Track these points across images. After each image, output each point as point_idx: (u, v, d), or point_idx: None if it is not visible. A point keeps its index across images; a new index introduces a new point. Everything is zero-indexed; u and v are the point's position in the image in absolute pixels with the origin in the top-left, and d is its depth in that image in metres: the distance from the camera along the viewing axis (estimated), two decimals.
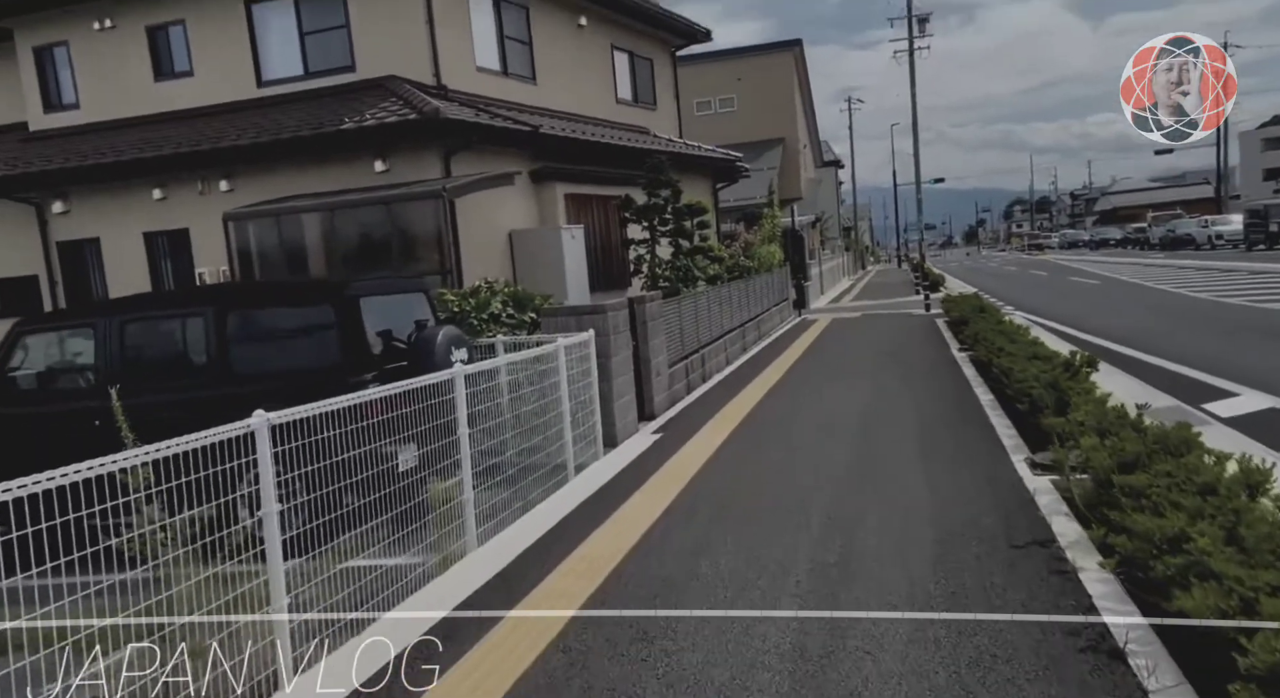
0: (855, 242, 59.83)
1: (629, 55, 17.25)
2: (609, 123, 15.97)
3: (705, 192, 18.70)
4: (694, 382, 11.71)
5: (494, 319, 8.84)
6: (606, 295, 12.88)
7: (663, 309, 10.75)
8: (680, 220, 12.47)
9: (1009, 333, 10.05)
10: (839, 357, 13.35)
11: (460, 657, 3.78)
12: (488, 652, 3.83)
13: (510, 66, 13.62)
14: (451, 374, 5.49)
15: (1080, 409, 5.44)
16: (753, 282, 17.02)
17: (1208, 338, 12.55)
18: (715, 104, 35.82)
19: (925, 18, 37.50)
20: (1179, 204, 75.36)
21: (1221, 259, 31.25)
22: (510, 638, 3.97)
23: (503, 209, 12.04)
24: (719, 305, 13.90)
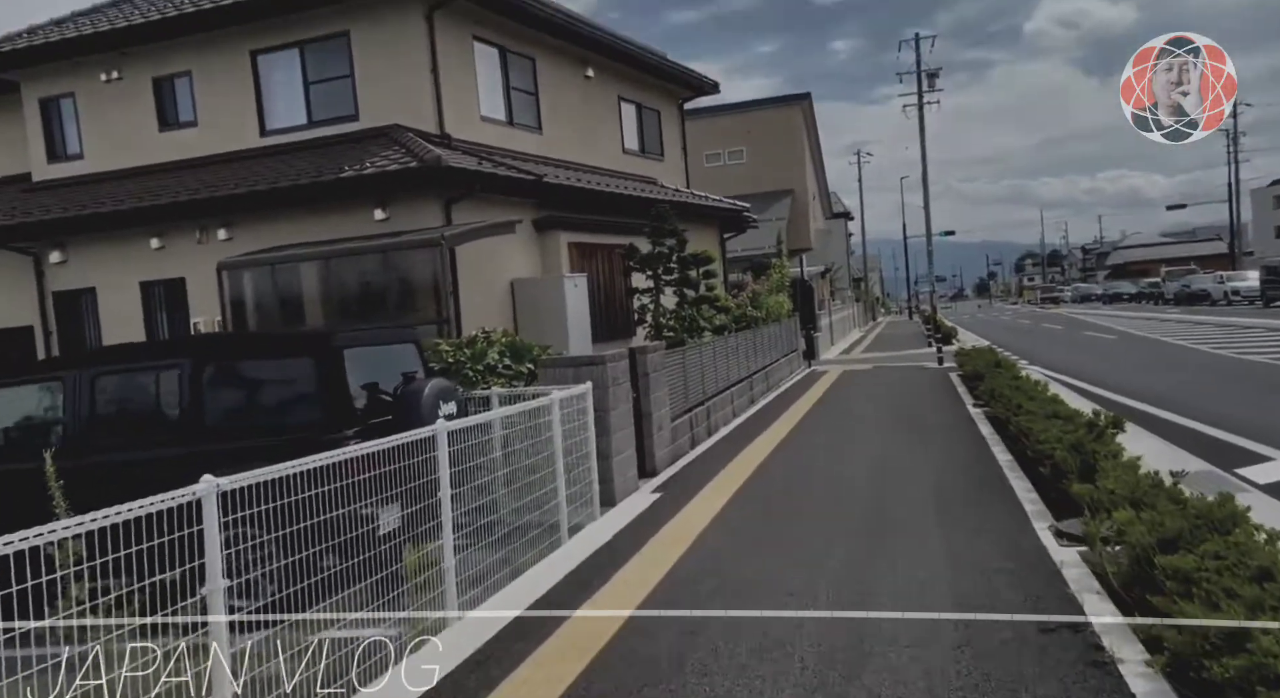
0: (865, 293, 59.66)
1: (636, 106, 17.24)
2: (615, 173, 15.87)
3: (712, 241, 18.52)
4: (699, 435, 11.31)
5: (490, 370, 8.52)
6: (610, 345, 12.59)
7: (666, 360, 10.42)
8: (685, 270, 12.22)
9: (1027, 389, 9.65)
10: (849, 411, 12.94)
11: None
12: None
13: (515, 116, 13.55)
14: (433, 431, 5.15)
15: (1110, 476, 5.03)
16: (760, 332, 16.71)
17: (1233, 397, 12.09)
18: (724, 156, 36.01)
19: (935, 73, 37.81)
20: (1191, 260, 75.09)
21: (1239, 315, 30.78)
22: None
23: (505, 258, 11.82)
24: (725, 356, 13.56)
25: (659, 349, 10.00)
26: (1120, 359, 18.84)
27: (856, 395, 14.91)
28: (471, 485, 5.79)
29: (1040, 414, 7.61)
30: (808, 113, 36.30)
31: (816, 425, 11.76)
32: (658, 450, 9.53)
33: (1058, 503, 6.28)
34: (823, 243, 40.72)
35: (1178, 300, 47.07)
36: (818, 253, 38.26)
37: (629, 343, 13.16)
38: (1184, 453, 7.92)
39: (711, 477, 8.85)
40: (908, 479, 7.94)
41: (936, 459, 8.70)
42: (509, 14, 12.84)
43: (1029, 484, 7.14)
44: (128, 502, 3.20)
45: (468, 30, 12.39)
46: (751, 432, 11.70)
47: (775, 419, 12.62)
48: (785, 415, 12.93)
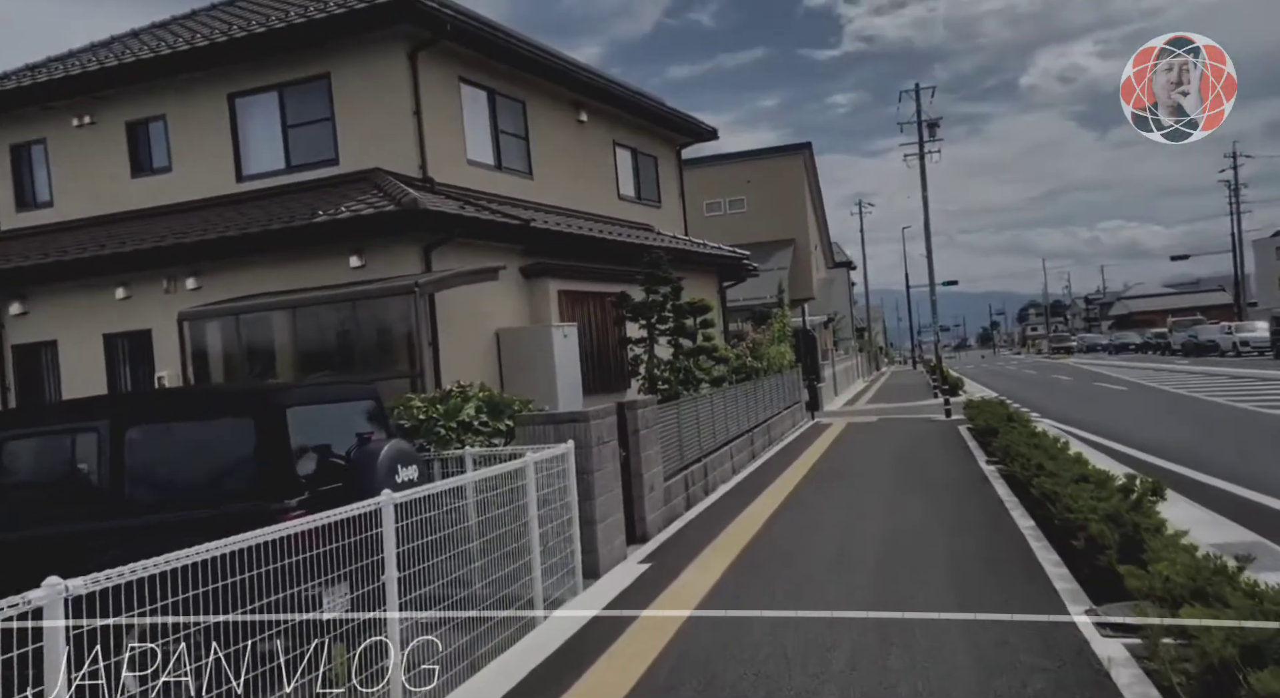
0: (869, 343, 59.11)
1: (632, 152, 16.85)
2: (610, 219, 15.38)
3: (711, 290, 17.96)
4: (695, 495, 10.57)
5: (466, 427, 7.84)
6: (603, 398, 11.92)
7: (659, 415, 9.74)
8: (681, 318, 11.61)
9: (1046, 447, 8.94)
10: (855, 468, 12.19)
11: None
12: None
13: (504, 160, 13.10)
14: (376, 504, 4.46)
15: (1161, 556, 4.31)
16: (761, 383, 16.04)
17: (1267, 455, 11.34)
18: (725, 205, 35.78)
19: (935, 122, 37.73)
20: (1195, 310, 74.67)
21: (1252, 366, 30.10)
22: None
23: (490, 307, 11.23)
24: (724, 409, 12.88)
25: (650, 404, 9.33)
26: (1137, 413, 18.09)
27: (862, 451, 14.17)
28: (431, 563, 5.09)
29: (1066, 477, 6.90)
30: (808, 162, 36.17)
31: (820, 485, 11.01)
32: (649, 513, 8.80)
33: (1093, 581, 5.54)
34: (825, 292, 40.27)
35: (1186, 351, 46.39)
36: (820, 302, 37.78)
37: (623, 396, 12.48)
38: (1226, 521, 7.18)
39: (706, 544, 8.11)
40: (922, 551, 7.18)
41: (952, 526, 7.94)
42: (497, 56, 12.47)
43: (1057, 557, 6.39)
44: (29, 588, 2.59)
45: (453, 72, 11.99)
46: (751, 491, 10.95)
47: (776, 477, 11.87)
48: (787, 473, 12.18)
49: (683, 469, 10.44)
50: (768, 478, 11.90)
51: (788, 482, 11.41)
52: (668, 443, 10.00)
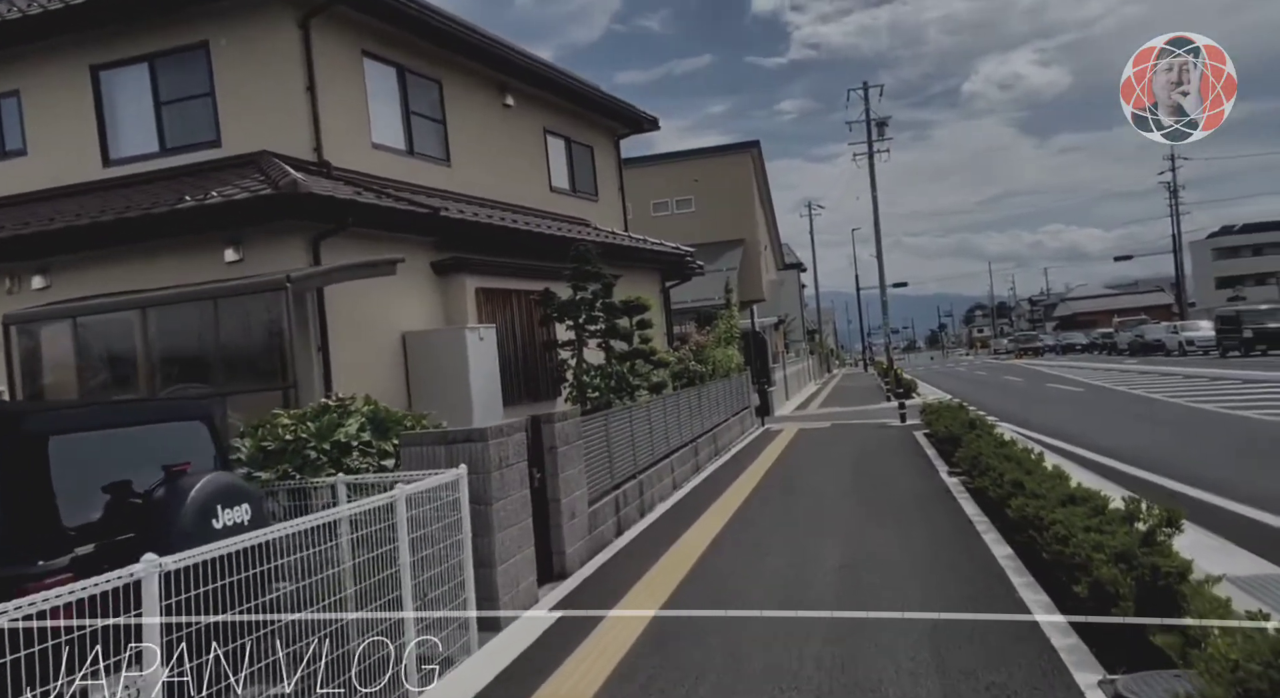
0: (820, 345, 58.66)
1: (565, 141, 15.61)
2: (542, 213, 14.12)
3: (653, 290, 16.80)
4: (629, 518, 9.36)
5: (343, 449, 6.52)
6: (529, 409, 10.68)
7: (585, 428, 8.52)
8: (613, 318, 10.40)
9: (1018, 459, 7.92)
10: (807, 482, 11.09)
11: None
12: None
13: (417, 145, 11.76)
14: (133, 574, 3.15)
15: (1208, 620, 3.22)
16: (707, 389, 14.91)
17: (1246, 463, 10.51)
18: (672, 204, 34.71)
19: (884, 121, 37.30)
20: (1139, 310, 75.93)
21: (1201, 365, 29.94)
22: None
23: (396, 307, 9.90)
24: (663, 419, 11.70)
25: (572, 416, 8.09)
26: (1100, 416, 17.35)
27: (815, 462, 13.10)
28: (257, 636, 3.82)
29: (1052, 498, 5.83)
30: (757, 161, 35.30)
31: (768, 503, 9.88)
32: (569, 544, 7.56)
33: (1100, 636, 4.45)
34: (775, 294, 39.46)
35: (1132, 351, 46.64)
36: (770, 304, 36.95)
37: (554, 406, 11.24)
38: (1236, 548, 6.19)
39: (636, 580, 6.91)
40: (884, 587, 6.07)
41: (918, 555, 6.84)
42: (405, 26, 11.15)
43: (1048, 599, 5.31)
44: None
45: (354, 44, 10.64)
46: (693, 511, 9.78)
47: (722, 493, 10.72)
48: (733, 488, 11.04)
49: (614, 489, 9.22)
50: (712, 494, 10.75)
51: (733, 499, 10.26)
52: (596, 460, 8.78)
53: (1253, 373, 23.00)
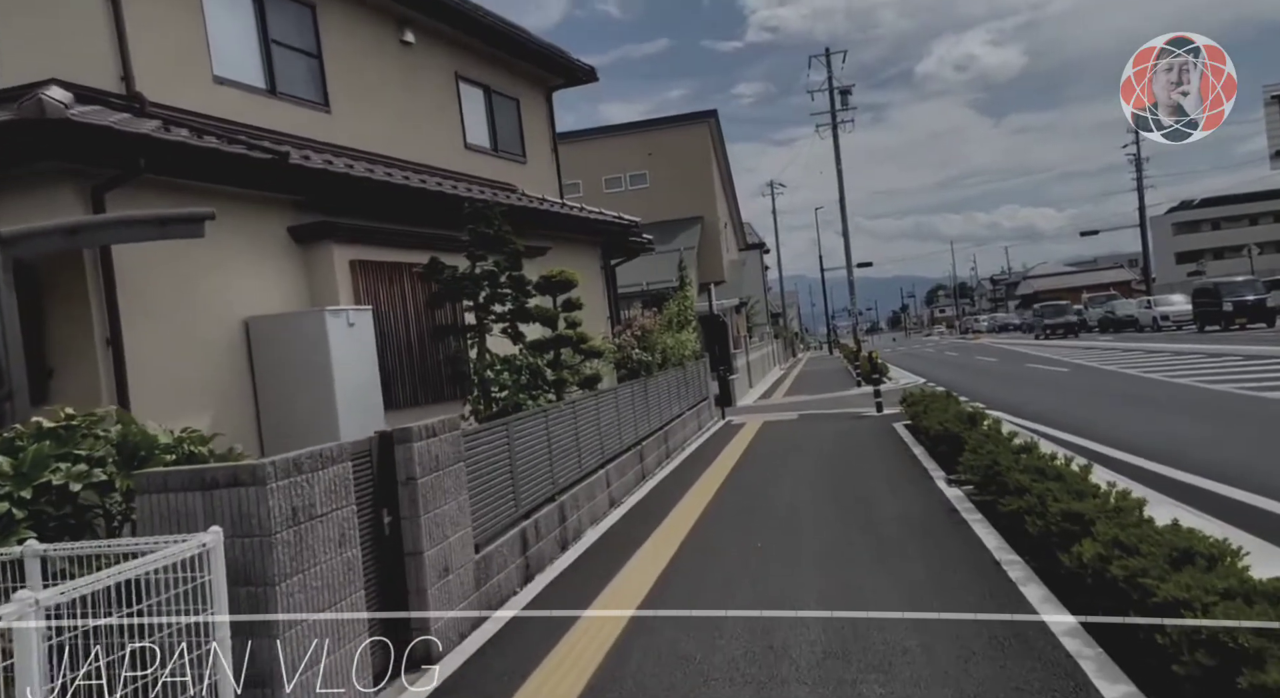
0: (784, 328, 56.92)
1: (485, 90, 13.23)
2: (454, 174, 11.74)
3: (593, 267, 14.55)
4: (543, 555, 7.15)
5: (63, 497, 4.23)
6: (426, 413, 8.42)
7: (475, 444, 6.28)
8: (524, 296, 8.13)
9: (1056, 473, 5.86)
10: (773, 498, 8.95)
11: None
12: None
13: (282, 83, 9.35)
14: None
15: None
16: (655, 382, 12.73)
17: None
18: (626, 180, 32.39)
19: (847, 90, 35.30)
20: (1098, 287, 75.40)
21: (1183, 341, 28.44)
22: None
23: (235, 285, 7.55)
24: (596, 420, 9.49)
25: (449, 429, 5.82)
26: (1102, 401, 15.46)
27: (782, 467, 10.99)
28: None
29: (1158, 555, 3.73)
30: (715, 132, 33.07)
31: (725, 529, 7.71)
32: (441, 611, 5.32)
33: None
34: (737, 275, 37.39)
35: (1103, 327, 45.41)
36: (731, 286, 34.86)
37: (462, 409, 8.94)
38: None
39: (535, 666, 4.72)
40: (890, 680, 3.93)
41: (937, 635, 4.70)
42: None
43: None
44: None
45: None
46: (629, 542, 7.61)
47: (667, 515, 8.55)
48: (682, 507, 8.87)
49: (523, 518, 7.01)
50: (655, 516, 8.58)
51: (680, 523, 8.09)
52: (493, 484, 6.55)
53: (1250, 348, 21.40)
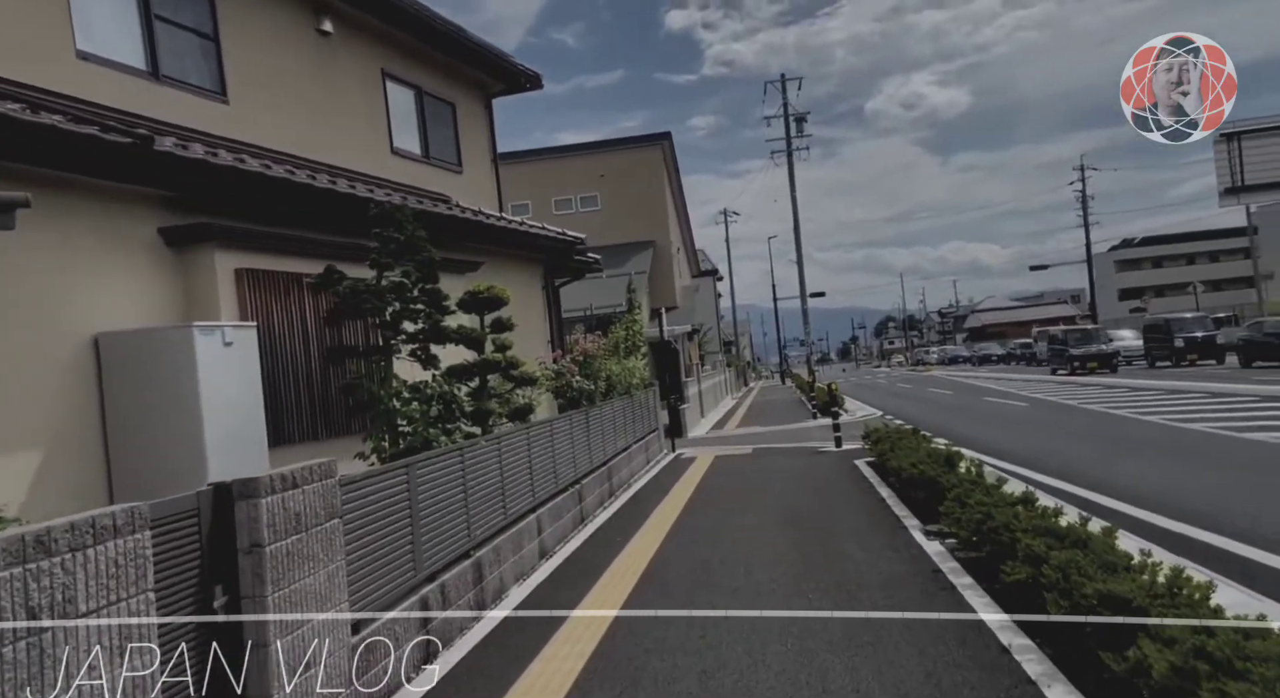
0: (737, 357, 56.26)
1: (416, 92, 12.07)
2: (379, 181, 10.53)
3: (533, 287, 13.40)
4: (449, 629, 5.88)
5: None
6: (319, 451, 7.20)
7: (358, 495, 5.04)
8: (439, 312, 6.92)
9: (1059, 531, 4.84)
10: (725, 552, 7.80)
11: None
12: None
13: (167, 66, 8.08)
14: None
15: None
16: (599, 412, 11.55)
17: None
18: (577, 202, 31.39)
19: (803, 116, 34.89)
20: (1048, 321, 76.47)
21: (1137, 377, 28.19)
22: None
23: (83, 294, 6.24)
24: (526, 458, 8.28)
25: (321, 477, 4.58)
26: (1068, 438, 14.69)
27: (736, 511, 9.86)
28: None
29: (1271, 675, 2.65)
30: (669, 155, 32.31)
31: (667, 595, 6.53)
32: None
33: None
34: (689, 301, 36.51)
35: None
36: (684, 312, 33.94)
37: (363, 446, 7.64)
38: None
39: None
40: None
41: None
42: None
43: None
44: None
45: None
46: (555, 607, 6.39)
47: (603, 571, 7.35)
48: (619, 563, 7.67)
49: (425, 583, 5.75)
50: (591, 571, 7.37)
51: (618, 584, 6.90)
52: (386, 541, 5.30)
53: (1211, 385, 21.02)
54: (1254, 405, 15.99)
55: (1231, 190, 32.32)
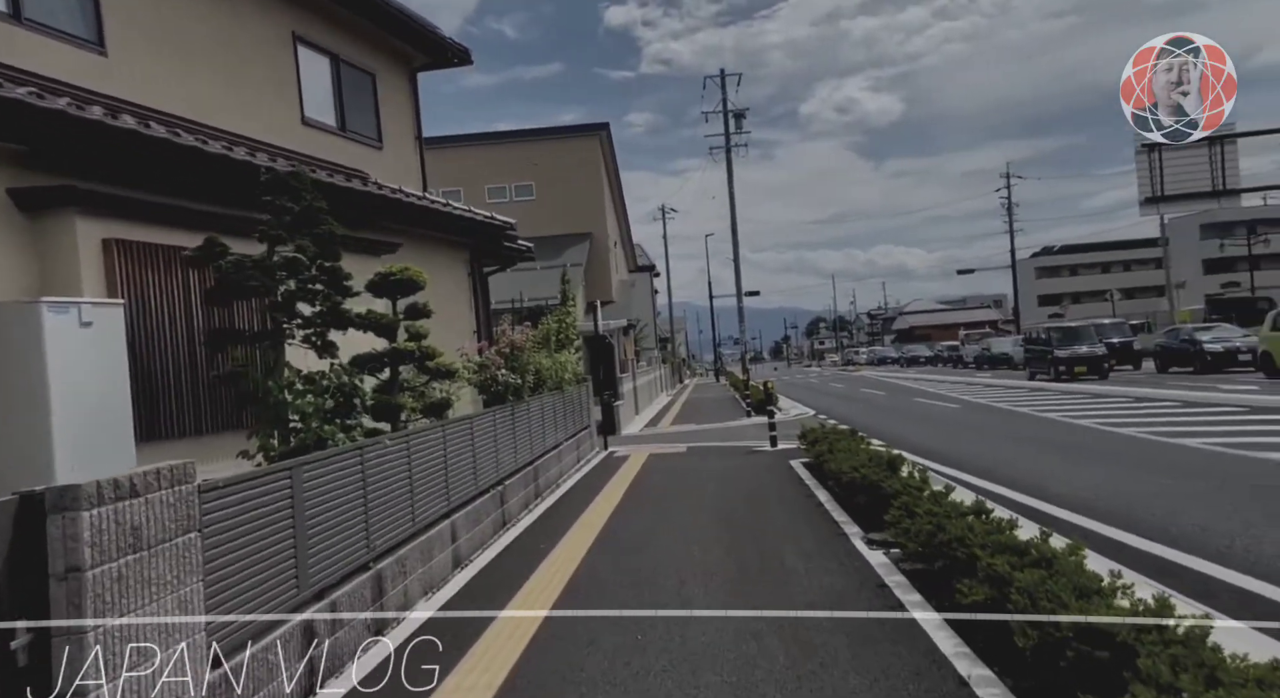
0: (673, 354, 55.99)
1: (332, 59, 11.16)
2: (287, 152, 9.62)
3: (459, 273, 12.61)
4: (339, 654, 5.14)
5: None
6: (198, 449, 6.39)
7: (225, 504, 4.28)
8: (338, 292, 6.14)
9: (1019, 547, 4.39)
10: (658, 560, 7.20)
11: None
12: None
13: (27, 6, 7.09)
14: None
15: None
16: (526, 408, 10.86)
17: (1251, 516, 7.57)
18: (511, 190, 30.49)
19: (742, 112, 34.62)
20: (972, 325, 78.47)
21: (1063, 380, 28.65)
22: None
23: None
24: (443, 458, 7.55)
25: (173, 483, 3.80)
26: (1003, 441, 14.57)
27: (669, 514, 9.29)
28: None
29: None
30: (606, 146, 31.65)
31: (593, 608, 5.91)
32: None
33: None
34: (626, 296, 35.95)
35: (978, 364, 46.42)
36: (620, 307, 33.36)
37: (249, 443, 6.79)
38: None
39: None
40: None
41: None
42: None
43: None
44: None
45: None
46: (468, 626, 5.70)
47: (524, 581, 6.68)
48: (543, 571, 7.01)
49: (312, 602, 5.00)
50: (510, 582, 6.70)
51: (540, 595, 6.24)
52: (261, 556, 4.54)
53: (1133, 390, 21.36)
54: (1176, 411, 16.18)
55: (1151, 200, 33.11)
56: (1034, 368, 30.84)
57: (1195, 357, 26.36)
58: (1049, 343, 29.21)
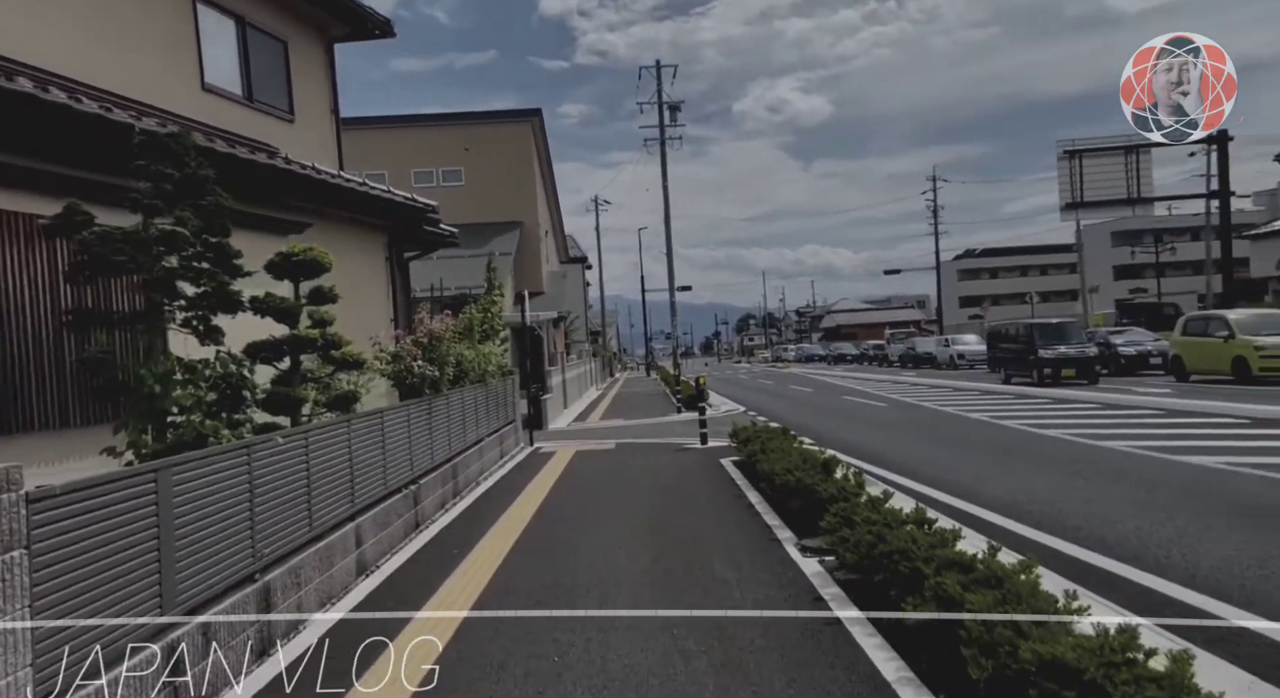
0: (604, 347, 55.54)
1: (238, 22, 10.30)
2: (184, 120, 8.75)
3: (376, 258, 11.87)
4: (216, 679, 4.52)
5: None
6: (60, 443, 5.65)
7: (67, 513, 3.63)
8: (226, 271, 5.46)
9: (966, 563, 4.08)
10: (580, 567, 6.72)
11: None
12: None
13: None
14: None
15: None
16: (445, 402, 10.23)
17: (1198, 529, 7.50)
18: (438, 175, 29.49)
19: (677, 105, 34.30)
20: (897, 324, 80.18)
21: (982, 380, 29.18)
22: None
23: None
24: (348, 456, 6.91)
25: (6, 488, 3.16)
26: (934, 442, 14.52)
27: (595, 516, 8.82)
28: None
29: None
30: (539, 132, 30.90)
31: (508, 623, 5.40)
32: None
33: None
34: (557, 288, 35.28)
35: (903, 362, 47.27)
36: (550, 299, 32.69)
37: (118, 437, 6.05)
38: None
39: None
40: None
41: None
42: None
43: None
44: None
45: None
46: (369, 639, 5.10)
47: (434, 591, 6.12)
48: (456, 577, 6.46)
49: (176, 624, 4.36)
50: (418, 592, 6.13)
51: (452, 602, 5.70)
52: (116, 572, 3.90)
53: (1055, 392, 21.77)
54: (1097, 413, 16.47)
55: (1071, 205, 34.10)
56: (1010, 370, 26.47)
57: (1110, 360, 27.15)
58: (1029, 341, 24.81)
